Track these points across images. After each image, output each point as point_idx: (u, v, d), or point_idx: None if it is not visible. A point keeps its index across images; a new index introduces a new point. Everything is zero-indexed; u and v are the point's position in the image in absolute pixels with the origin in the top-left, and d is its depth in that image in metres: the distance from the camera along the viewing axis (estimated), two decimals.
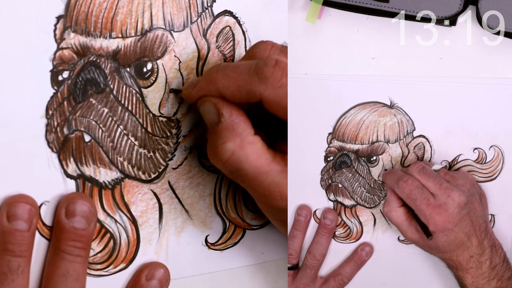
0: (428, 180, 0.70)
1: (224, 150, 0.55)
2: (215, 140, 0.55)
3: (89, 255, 0.59)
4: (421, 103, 0.74)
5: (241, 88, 0.55)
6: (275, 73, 0.54)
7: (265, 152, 0.55)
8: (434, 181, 0.70)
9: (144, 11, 0.58)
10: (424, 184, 0.70)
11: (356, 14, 0.70)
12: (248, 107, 0.57)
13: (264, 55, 0.58)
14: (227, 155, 0.55)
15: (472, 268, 0.70)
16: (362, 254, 0.78)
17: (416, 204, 0.69)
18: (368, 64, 0.73)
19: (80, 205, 0.57)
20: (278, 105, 0.54)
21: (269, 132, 0.59)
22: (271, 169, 0.55)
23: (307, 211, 0.77)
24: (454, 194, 0.69)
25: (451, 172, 0.73)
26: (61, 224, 0.57)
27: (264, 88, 0.54)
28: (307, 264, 0.78)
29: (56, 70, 0.56)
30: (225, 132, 0.55)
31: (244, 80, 0.55)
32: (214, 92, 0.56)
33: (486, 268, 0.70)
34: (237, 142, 0.55)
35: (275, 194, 0.55)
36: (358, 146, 0.75)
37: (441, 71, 0.72)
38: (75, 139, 0.58)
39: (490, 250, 0.71)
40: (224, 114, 0.56)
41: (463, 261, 0.70)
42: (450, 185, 0.70)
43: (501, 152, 0.75)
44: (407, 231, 0.72)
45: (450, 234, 0.69)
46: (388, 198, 0.73)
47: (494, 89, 0.73)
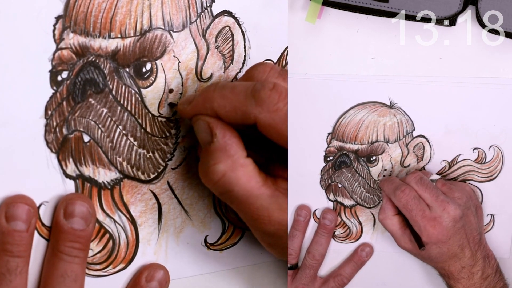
0: (425, 191, 0.70)
1: (215, 171, 0.55)
2: (207, 160, 0.55)
3: (87, 256, 0.59)
4: (421, 103, 0.73)
5: (236, 109, 0.55)
6: (271, 96, 0.53)
7: (256, 175, 0.55)
8: (431, 192, 0.70)
9: (143, 11, 0.58)
10: (421, 195, 0.70)
11: (356, 14, 0.70)
12: (243, 128, 0.56)
13: (262, 77, 0.58)
14: (218, 176, 0.55)
15: (463, 278, 0.71)
16: (362, 255, 0.78)
17: (412, 215, 0.70)
18: (368, 64, 0.73)
19: (78, 206, 0.57)
20: (273, 129, 0.54)
21: (263, 154, 0.59)
22: (261, 193, 0.55)
23: (307, 211, 0.77)
24: (449, 207, 0.69)
25: (449, 183, 0.73)
26: (59, 225, 0.57)
27: (259, 111, 0.54)
28: (306, 264, 0.78)
29: (55, 70, 0.56)
30: (217, 152, 0.55)
31: (240, 101, 0.54)
32: (210, 111, 0.56)
33: (477, 279, 0.71)
34: (229, 164, 0.54)
35: (264, 218, 0.55)
36: (358, 146, 0.75)
37: (441, 71, 0.72)
38: (74, 139, 0.58)
39: (482, 261, 0.71)
40: (217, 135, 0.55)
41: (454, 271, 0.71)
42: (446, 198, 0.70)
43: (501, 152, 0.75)
44: (400, 240, 0.72)
45: (443, 246, 0.69)
46: (384, 206, 0.73)
47: (494, 89, 0.72)
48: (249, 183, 0.55)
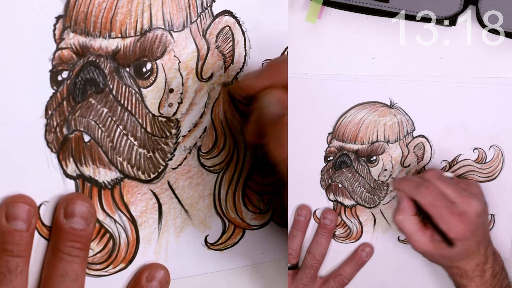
0: (448, 187, 0.68)
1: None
2: (280, 132, 0.55)
3: (88, 256, 0.58)
4: (421, 103, 0.73)
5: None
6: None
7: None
8: (454, 188, 0.68)
9: (143, 11, 0.58)
10: (444, 191, 0.68)
11: (356, 14, 0.70)
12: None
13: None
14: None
15: (477, 277, 0.70)
16: (362, 255, 0.78)
17: (439, 212, 0.67)
18: (368, 64, 0.72)
19: (79, 205, 0.57)
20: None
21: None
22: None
23: (307, 211, 0.77)
24: (474, 202, 0.68)
25: (463, 180, 0.73)
26: (59, 224, 0.57)
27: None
28: (306, 264, 0.78)
29: (55, 70, 0.56)
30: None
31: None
32: (280, 82, 0.56)
33: (488, 277, 0.70)
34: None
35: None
36: (358, 146, 0.75)
37: (441, 71, 0.72)
38: (75, 139, 0.58)
39: (492, 258, 0.71)
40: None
41: (469, 270, 0.69)
42: (468, 194, 0.69)
43: (501, 152, 0.75)
44: (420, 241, 0.69)
45: (467, 242, 0.68)
46: (402, 206, 0.70)
47: (494, 89, 0.72)
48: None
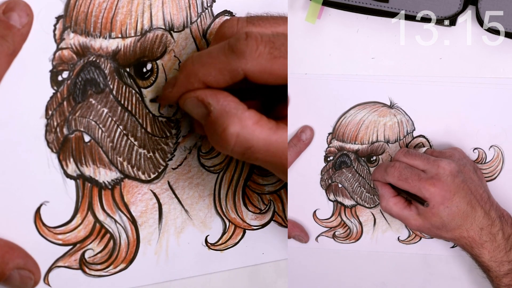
0: (415, 159, 0.70)
1: (227, 135, 0.53)
2: (214, 130, 0.54)
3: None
4: (421, 103, 0.74)
5: (222, 71, 0.54)
6: (249, 45, 0.53)
7: (266, 121, 0.54)
8: (421, 158, 0.70)
9: (143, 11, 0.58)
10: (412, 164, 0.70)
11: (356, 14, 0.70)
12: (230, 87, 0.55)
13: (233, 31, 0.56)
14: (232, 139, 0.53)
15: (486, 242, 0.69)
16: (302, 137, 0.75)
17: (409, 183, 0.68)
18: (368, 64, 0.73)
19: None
20: (265, 73, 0.53)
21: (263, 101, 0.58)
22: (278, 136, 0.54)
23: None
24: (443, 163, 0.68)
25: (438, 150, 0.73)
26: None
27: (244, 63, 0.53)
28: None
29: (55, 70, 0.56)
30: (220, 119, 0.54)
31: (222, 62, 0.53)
32: (196, 83, 0.55)
33: (500, 240, 0.69)
34: (236, 123, 0.53)
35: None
36: (358, 146, 0.75)
37: (441, 71, 0.72)
38: (75, 139, 0.58)
39: (499, 220, 0.70)
40: (211, 102, 0.54)
41: (475, 236, 0.69)
42: (438, 158, 0.69)
43: (501, 152, 0.75)
44: (409, 218, 0.70)
45: (451, 205, 0.68)
46: (380, 193, 0.72)
47: (494, 89, 0.72)
48: (264, 131, 0.53)
